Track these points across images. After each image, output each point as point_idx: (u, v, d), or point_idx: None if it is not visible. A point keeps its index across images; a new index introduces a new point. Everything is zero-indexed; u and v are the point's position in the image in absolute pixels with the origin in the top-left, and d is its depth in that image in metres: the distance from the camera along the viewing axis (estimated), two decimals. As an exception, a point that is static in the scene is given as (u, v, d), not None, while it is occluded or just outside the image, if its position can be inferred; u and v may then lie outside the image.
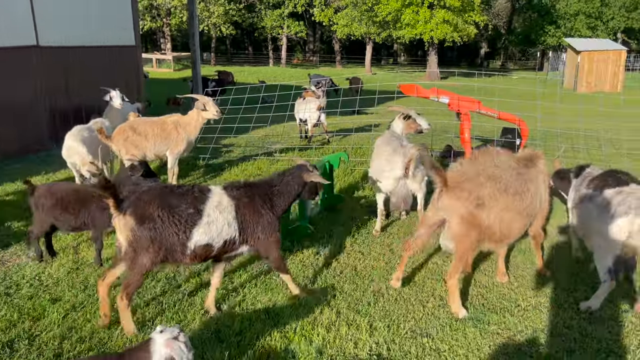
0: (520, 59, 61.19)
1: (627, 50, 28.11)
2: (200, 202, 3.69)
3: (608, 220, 4.11)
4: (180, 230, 3.59)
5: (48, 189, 4.93)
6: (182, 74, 30.49)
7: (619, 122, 11.15)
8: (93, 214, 4.83)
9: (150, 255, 3.55)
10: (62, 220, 4.85)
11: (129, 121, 7.33)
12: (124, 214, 3.54)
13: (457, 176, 4.09)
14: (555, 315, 4.11)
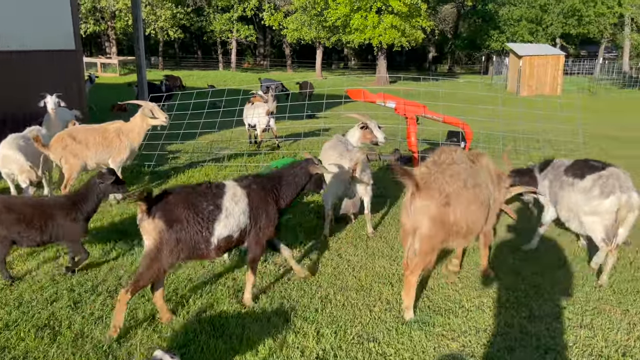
0: (466, 63, 63.00)
1: (565, 55, 29.39)
2: (218, 197, 3.92)
3: (598, 200, 4.70)
4: (204, 228, 3.81)
5: (4, 205, 4.60)
6: (128, 78, 29.74)
7: (557, 125, 11.61)
8: (64, 227, 4.63)
9: (174, 256, 3.75)
10: (26, 236, 4.57)
11: (69, 129, 7.05)
12: (153, 218, 3.69)
13: (425, 177, 4.15)
14: (497, 314, 4.21)
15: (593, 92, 27.92)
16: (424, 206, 4.04)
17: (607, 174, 4.78)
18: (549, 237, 5.99)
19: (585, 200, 4.80)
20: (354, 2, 30.83)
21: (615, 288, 4.68)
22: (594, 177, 4.80)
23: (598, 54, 43.62)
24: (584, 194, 4.82)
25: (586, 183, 4.83)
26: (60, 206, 4.69)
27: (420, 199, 4.05)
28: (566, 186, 5.05)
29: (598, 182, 4.76)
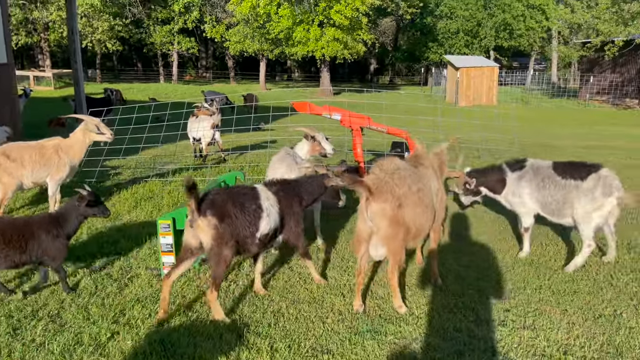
0: (406, 74, 64.69)
1: (499, 67, 30.76)
2: (256, 198, 4.35)
3: (595, 200, 5.23)
4: (252, 224, 4.23)
5: None
6: (64, 92, 28.64)
7: (495, 134, 12.12)
8: (45, 245, 4.43)
9: (231, 248, 4.11)
10: (5, 256, 4.34)
11: (2, 147, 6.70)
12: (205, 216, 4.02)
13: (376, 182, 4.29)
14: (446, 320, 4.33)
15: (526, 102, 29.32)
16: (380, 209, 4.20)
17: (605, 174, 5.28)
18: (490, 242, 6.23)
19: (580, 199, 5.28)
20: (297, 15, 31.10)
21: (553, 289, 4.92)
22: (594, 178, 5.28)
23: (529, 66, 45.95)
24: (581, 193, 5.29)
25: (589, 183, 5.28)
26: (40, 224, 4.51)
27: (375, 202, 4.21)
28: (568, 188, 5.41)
29: (599, 182, 5.24)
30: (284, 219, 4.57)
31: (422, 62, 49.84)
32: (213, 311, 4.23)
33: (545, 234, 6.47)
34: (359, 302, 4.50)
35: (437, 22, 43.84)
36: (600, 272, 5.34)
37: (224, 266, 4.12)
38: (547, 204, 5.60)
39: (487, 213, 7.46)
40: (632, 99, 27.47)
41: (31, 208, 7.45)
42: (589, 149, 13.36)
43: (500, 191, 5.95)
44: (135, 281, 4.96)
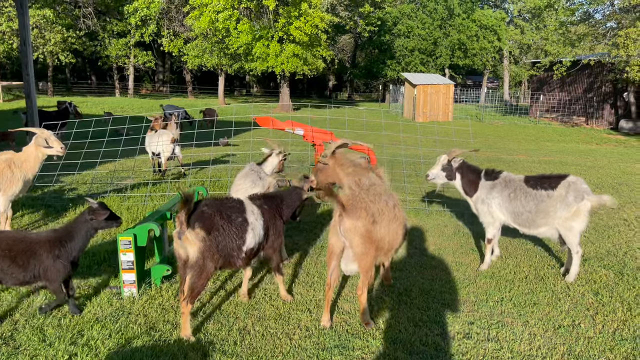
0: (364, 91, 65.72)
1: (454, 85, 31.61)
2: (242, 211, 4.34)
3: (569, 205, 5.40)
4: (238, 237, 4.22)
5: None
6: (13, 105, 27.64)
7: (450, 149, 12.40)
8: (45, 265, 4.21)
9: (215, 261, 4.10)
10: (9, 273, 4.12)
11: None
12: (194, 228, 3.99)
13: (351, 198, 4.33)
14: (413, 334, 4.36)
15: (480, 119, 30.19)
16: (353, 226, 4.22)
17: (573, 180, 5.49)
18: (453, 256, 6.34)
19: (559, 207, 5.44)
20: (256, 31, 31.14)
21: (514, 301, 5.03)
22: (564, 186, 5.46)
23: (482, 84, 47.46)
24: (560, 200, 5.45)
25: (560, 191, 5.46)
26: (44, 242, 4.28)
27: (349, 219, 4.23)
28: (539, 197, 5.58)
29: (570, 188, 5.43)
30: (267, 233, 4.58)
31: (380, 79, 50.76)
32: (182, 324, 4.15)
33: (504, 247, 6.63)
34: (327, 317, 4.47)
35: (395, 40, 44.79)
36: (558, 283, 5.50)
37: (205, 279, 4.09)
38: (518, 214, 5.74)
39: (447, 227, 7.59)
40: (579, 117, 28.72)
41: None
42: (542, 164, 13.85)
43: (471, 193, 6.13)
44: (94, 300, 4.78)
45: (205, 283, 4.12)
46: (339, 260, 4.38)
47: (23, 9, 12.66)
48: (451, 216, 8.17)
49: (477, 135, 21.17)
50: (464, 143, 13.44)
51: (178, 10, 39.76)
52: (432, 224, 7.70)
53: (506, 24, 44.29)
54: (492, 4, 50.51)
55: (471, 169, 6.23)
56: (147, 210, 7.85)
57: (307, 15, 29.74)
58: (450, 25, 43.15)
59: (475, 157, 11.51)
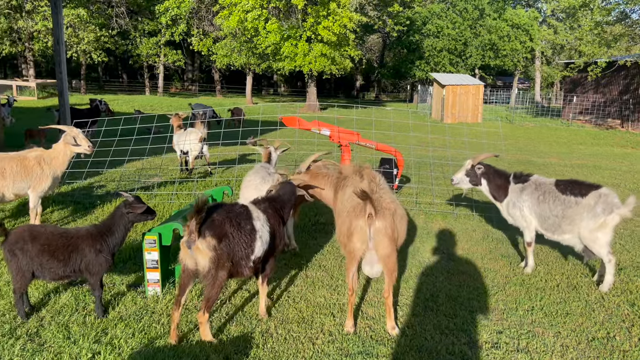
0: (392, 91, 65.29)
1: (484, 85, 31.12)
2: (249, 218, 4.17)
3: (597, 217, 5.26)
4: (248, 245, 4.07)
5: (30, 232, 4.22)
6: (47, 102, 28.29)
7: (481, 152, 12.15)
8: (88, 259, 4.27)
9: (227, 270, 3.95)
10: (48, 268, 4.19)
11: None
12: (204, 237, 3.86)
13: (376, 200, 4.26)
14: (439, 342, 4.24)
15: (510, 121, 29.64)
16: (383, 227, 4.16)
17: (605, 192, 5.33)
18: (481, 261, 6.18)
19: (591, 216, 5.29)
20: (284, 30, 31.20)
21: (546, 310, 4.86)
22: (594, 196, 5.32)
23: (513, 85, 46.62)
24: (588, 210, 5.31)
25: (590, 200, 5.32)
26: (85, 237, 4.35)
27: (379, 220, 4.16)
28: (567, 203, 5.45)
29: (600, 200, 5.28)
30: (272, 239, 4.38)
31: (408, 79, 50.34)
32: (202, 332, 4.07)
33: (535, 253, 6.43)
34: (351, 322, 4.38)
35: (424, 40, 44.34)
36: (592, 293, 5.30)
37: (218, 288, 3.96)
38: (545, 218, 5.64)
39: (476, 232, 7.42)
40: (614, 120, 27.93)
41: (12, 221, 7.24)
42: (574, 168, 13.49)
43: (501, 198, 6.04)
44: (118, 298, 4.79)
45: (219, 292, 3.99)
46: (360, 264, 4.32)
47: (57, 8, 12.90)
48: (480, 220, 7.98)
49: (507, 137, 20.76)
50: (493, 145, 13.17)
51: (208, 10, 40.13)
52: (460, 228, 7.54)
53: (539, 24, 43.39)
54: (524, 4, 49.57)
55: (498, 173, 6.12)
56: (173, 208, 7.89)
57: (335, 14, 29.65)
58: (480, 25, 42.49)
59: (505, 160, 11.26)
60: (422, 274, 5.69)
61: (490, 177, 6.12)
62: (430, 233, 7.27)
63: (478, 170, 6.17)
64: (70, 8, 36.37)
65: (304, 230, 7.20)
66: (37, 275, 4.30)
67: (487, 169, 6.17)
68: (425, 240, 6.94)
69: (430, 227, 7.56)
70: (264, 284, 4.57)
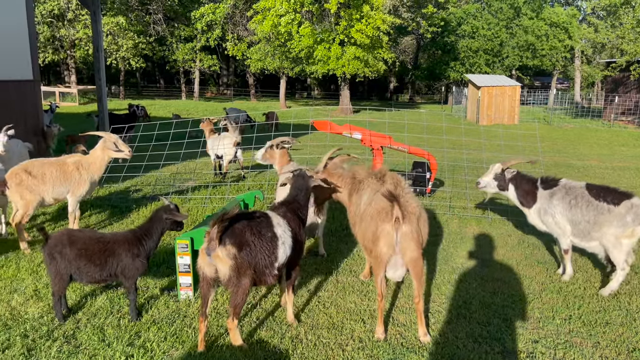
0: (426, 92, 64.62)
1: (521, 86, 30.46)
2: (270, 225, 4.10)
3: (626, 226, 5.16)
4: (271, 253, 4.00)
5: (68, 237, 4.39)
6: (88, 108, 29.14)
7: (517, 154, 11.90)
8: (124, 263, 4.41)
9: (250, 277, 3.91)
10: (86, 271, 4.35)
11: (24, 163, 6.71)
12: (225, 245, 3.83)
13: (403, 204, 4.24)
14: (472, 350, 4.15)
15: (548, 122, 28.93)
16: (410, 231, 4.15)
17: (638, 203, 5.21)
18: (516, 268, 6.03)
19: (620, 224, 5.17)
20: (317, 34, 31.30)
21: (584, 320, 4.70)
22: (628, 205, 5.19)
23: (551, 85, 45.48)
24: (619, 218, 5.18)
25: (621, 209, 5.19)
26: (122, 241, 4.48)
27: (407, 224, 4.14)
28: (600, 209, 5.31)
29: (632, 210, 5.16)
30: (295, 244, 4.29)
31: (442, 80, 49.75)
32: (232, 338, 4.09)
33: (573, 260, 6.23)
34: (382, 329, 4.33)
35: (459, 40, 43.74)
36: (633, 301, 5.10)
37: (243, 295, 3.93)
38: (576, 224, 5.47)
39: (511, 237, 7.25)
40: (659, 120, 26.95)
41: (52, 224, 7.47)
42: (616, 170, 13.04)
43: (529, 205, 5.87)
44: (152, 302, 4.88)
45: (244, 298, 3.94)
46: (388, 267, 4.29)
47: (96, 17, 13.29)
48: (516, 225, 7.80)
49: (545, 139, 20.25)
50: (530, 148, 12.86)
51: (242, 15, 40.63)
52: (494, 233, 7.38)
53: (578, 22, 42.23)
54: (562, 2, 48.35)
55: (526, 178, 5.96)
56: (206, 212, 7.99)
57: (368, 17, 29.58)
58: (517, 24, 41.64)
59: (543, 163, 10.98)
60: (455, 280, 5.60)
61: (518, 182, 5.96)
62: (464, 238, 7.15)
63: (507, 174, 6.01)
64: (110, 16, 37.46)
65: (334, 234, 7.18)
66: (74, 278, 4.43)
67: (515, 174, 6.01)
68: (459, 245, 6.83)
69: (464, 232, 7.43)
70: (290, 292, 4.53)
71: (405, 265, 4.23)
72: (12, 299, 4.88)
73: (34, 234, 6.92)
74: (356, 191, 4.93)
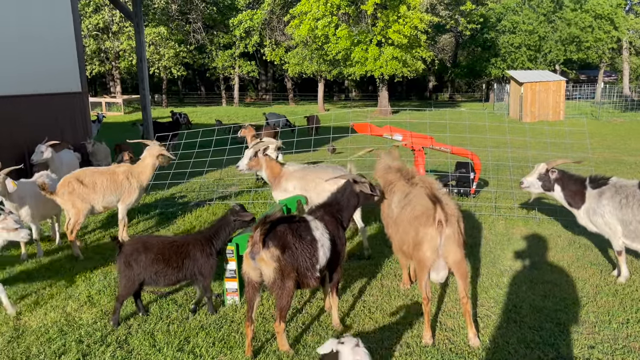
0: (466, 90, 63.53)
1: (565, 81, 29.52)
2: (309, 229, 4.14)
3: None
4: (312, 255, 4.04)
5: (143, 244, 4.62)
6: (132, 116, 29.98)
7: (565, 152, 11.52)
8: (200, 263, 4.63)
9: (293, 279, 3.95)
10: (163, 274, 4.56)
11: (76, 172, 6.96)
12: (268, 247, 3.88)
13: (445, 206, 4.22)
14: (523, 356, 4.03)
15: (596, 117, 27.94)
16: (452, 233, 4.14)
17: None
18: (569, 269, 5.83)
19: None
20: (354, 36, 31.23)
21: (643, 324, 4.50)
22: None
23: (598, 79, 43.91)
24: None
25: None
26: (195, 243, 4.69)
27: (448, 227, 4.11)
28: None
29: None
30: (334, 246, 4.29)
31: (483, 77, 48.79)
32: (279, 342, 4.11)
33: (629, 260, 5.98)
34: (429, 333, 4.26)
35: (499, 36, 42.80)
36: (696, 304, 4.85)
37: (288, 298, 3.96)
38: (627, 223, 5.25)
39: (561, 238, 7.02)
40: None
41: (102, 232, 7.71)
42: (671, 166, 12.46)
43: (577, 205, 5.68)
44: (200, 307, 4.95)
45: (289, 301, 3.97)
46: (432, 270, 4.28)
47: (139, 28, 13.66)
48: (565, 225, 7.54)
49: (593, 134, 19.55)
50: (578, 145, 12.43)
51: (279, 20, 40.99)
52: (543, 234, 7.17)
53: (624, 12, 40.61)
54: (607, -8, 46.61)
55: (573, 178, 5.74)
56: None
57: (405, 17, 29.32)
58: (559, 17, 40.41)
59: (592, 160, 10.60)
60: (503, 283, 5.46)
61: (564, 182, 5.74)
62: (511, 239, 6.97)
63: (552, 174, 5.80)
64: (152, 27, 38.48)
65: (377, 237, 7.12)
66: (147, 283, 4.60)
67: (561, 174, 5.79)
68: (506, 247, 6.66)
69: (511, 233, 7.24)
70: (334, 294, 4.52)
71: (449, 267, 4.20)
72: (67, 305, 5.05)
73: (85, 242, 7.16)
74: (387, 192, 4.93)
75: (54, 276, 5.83)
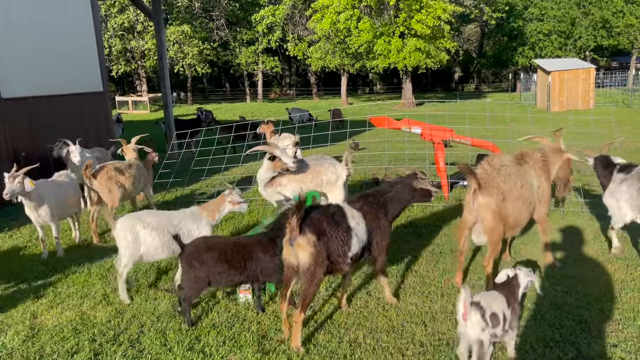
0: (493, 81, 62.40)
1: (595, 68, 28.67)
2: (344, 217, 4.27)
3: None
4: (345, 243, 4.17)
5: (205, 244, 4.64)
6: (158, 114, 30.36)
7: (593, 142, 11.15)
8: (263, 264, 4.61)
9: (324, 267, 4.05)
10: (226, 275, 4.55)
11: (112, 162, 7.50)
12: (305, 233, 3.98)
13: (484, 177, 4.83)
14: (542, 355, 3.88)
15: (627, 105, 27.07)
16: (486, 202, 4.73)
17: None
18: (593, 263, 5.63)
19: None
20: (377, 28, 30.94)
21: (670, 321, 4.29)
22: None
23: (630, 65, 42.56)
24: None
25: None
26: (258, 244, 4.68)
27: (482, 196, 4.72)
28: None
29: None
30: (371, 235, 4.43)
31: (510, 67, 47.82)
32: (293, 336, 4.07)
33: (657, 254, 5.75)
34: (460, 277, 5.11)
35: (527, 24, 41.83)
36: None
37: (316, 286, 4.04)
38: None
39: (586, 231, 6.78)
40: None
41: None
42: None
43: (604, 185, 5.88)
44: (211, 305, 4.94)
45: (315, 290, 4.07)
46: (469, 233, 4.96)
47: (159, 27, 13.78)
48: (590, 218, 7.29)
49: (625, 123, 18.91)
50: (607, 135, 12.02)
51: (301, 15, 40.92)
52: (567, 227, 6.93)
53: (658, -4, 39.16)
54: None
55: (607, 161, 5.90)
56: (268, 213, 8.04)
57: (428, 7, 28.88)
58: (589, 2, 39.25)
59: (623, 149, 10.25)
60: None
61: (597, 165, 6.00)
62: (533, 233, 6.75)
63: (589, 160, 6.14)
64: (176, 25, 38.86)
65: (396, 233, 7.00)
66: (212, 283, 4.56)
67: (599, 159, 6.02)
68: (528, 241, 6.46)
69: (534, 227, 7.02)
70: (380, 277, 4.74)
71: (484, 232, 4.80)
72: (82, 303, 5.10)
73: (105, 240, 7.23)
74: None
75: (72, 274, 5.90)
